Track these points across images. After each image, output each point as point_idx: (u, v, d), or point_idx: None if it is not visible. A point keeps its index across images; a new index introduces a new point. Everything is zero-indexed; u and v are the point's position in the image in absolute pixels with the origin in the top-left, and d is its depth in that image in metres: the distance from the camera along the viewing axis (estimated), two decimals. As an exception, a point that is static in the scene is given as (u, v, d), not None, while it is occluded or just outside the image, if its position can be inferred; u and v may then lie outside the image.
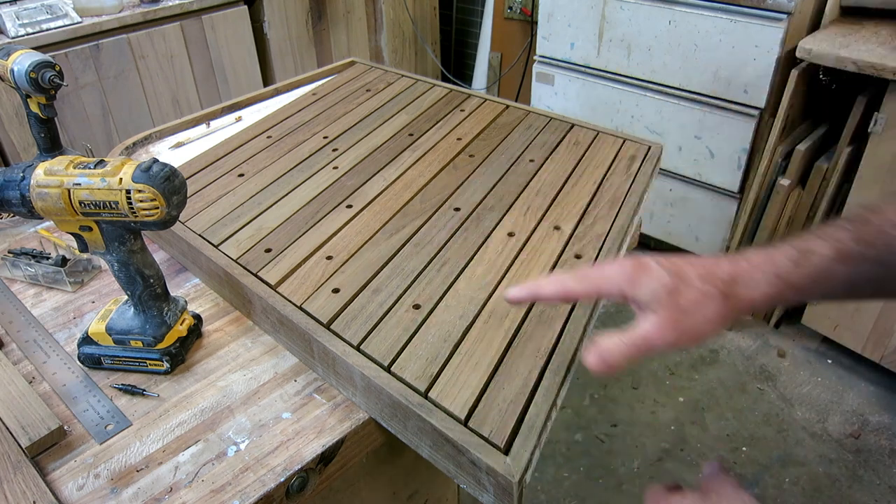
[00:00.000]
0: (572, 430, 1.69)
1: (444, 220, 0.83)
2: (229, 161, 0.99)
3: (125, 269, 0.66)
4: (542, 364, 0.61)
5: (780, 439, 1.65)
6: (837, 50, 1.52)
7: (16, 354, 0.72)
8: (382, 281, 0.73)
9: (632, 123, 2.05)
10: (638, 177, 0.92)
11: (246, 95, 1.23)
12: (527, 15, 2.56)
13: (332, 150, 1.01)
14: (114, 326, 0.69)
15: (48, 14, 1.75)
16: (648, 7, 1.84)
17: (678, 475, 1.57)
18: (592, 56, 2.05)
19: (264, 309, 0.71)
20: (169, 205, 0.60)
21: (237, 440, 0.61)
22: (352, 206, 0.86)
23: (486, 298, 0.70)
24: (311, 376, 0.69)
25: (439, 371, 0.60)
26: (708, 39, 1.75)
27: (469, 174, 0.93)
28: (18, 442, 0.60)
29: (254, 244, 0.79)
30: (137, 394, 0.67)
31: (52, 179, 0.60)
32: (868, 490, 1.53)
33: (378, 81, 1.26)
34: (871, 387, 1.79)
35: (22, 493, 0.56)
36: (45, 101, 0.95)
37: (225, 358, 0.71)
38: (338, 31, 2.53)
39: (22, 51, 0.93)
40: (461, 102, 1.16)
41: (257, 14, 2.23)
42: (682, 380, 1.84)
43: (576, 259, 0.76)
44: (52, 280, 0.83)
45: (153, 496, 0.56)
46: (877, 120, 1.52)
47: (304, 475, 0.60)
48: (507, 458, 0.52)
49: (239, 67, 2.22)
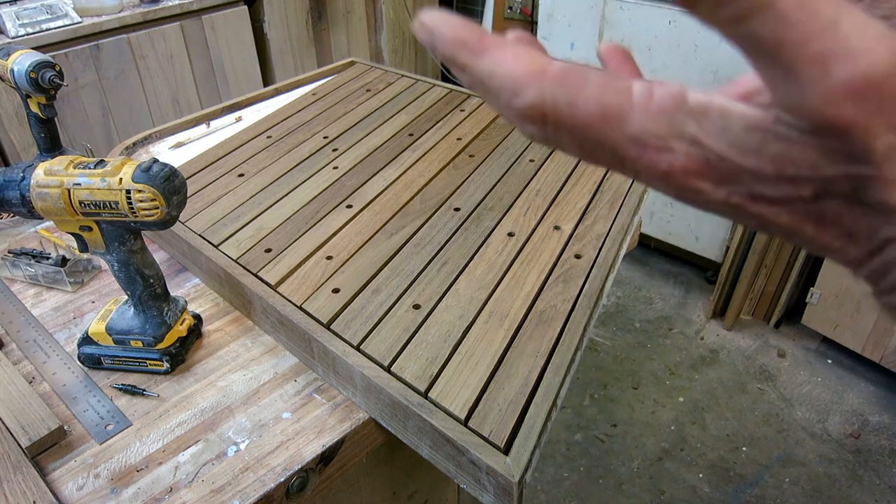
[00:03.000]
0: (572, 430, 1.69)
1: (444, 220, 0.83)
2: (229, 161, 0.99)
3: (125, 269, 0.66)
4: (542, 364, 0.61)
5: (780, 439, 1.65)
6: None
7: (16, 354, 0.72)
8: (382, 281, 0.73)
9: (632, 123, 2.05)
10: (638, 177, 0.92)
11: (246, 95, 1.23)
12: (527, 15, 2.56)
13: (332, 150, 1.01)
14: (114, 326, 0.69)
15: (48, 14, 1.75)
16: (648, 7, 1.84)
17: (678, 475, 1.57)
18: (592, 56, 2.05)
19: (264, 309, 0.71)
20: (169, 205, 0.60)
21: (237, 440, 0.61)
22: (352, 206, 0.86)
23: (486, 298, 0.70)
24: (311, 376, 0.69)
25: (439, 371, 0.60)
26: (708, 39, 1.75)
27: (469, 174, 0.93)
28: (18, 442, 0.60)
29: (254, 244, 0.79)
30: (137, 394, 0.67)
31: (52, 179, 0.60)
32: (868, 490, 1.53)
33: (378, 81, 1.26)
34: (871, 387, 1.79)
35: (22, 493, 0.55)
36: (45, 101, 0.95)
37: (225, 358, 0.71)
38: (338, 31, 2.53)
39: (22, 51, 0.93)
40: (461, 102, 1.16)
41: (257, 14, 2.23)
42: (682, 380, 1.84)
43: (576, 259, 0.76)
44: (52, 280, 0.83)
45: (153, 496, 0.56)
46: (877, 120, 1.52)
47: (304, 475, 0.59)
48: (507, 458, 0.52)
49: (239, 67, 2.22)
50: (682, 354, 1.92)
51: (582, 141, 0.19)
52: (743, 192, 0.18)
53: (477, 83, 0.20)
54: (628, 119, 0.18)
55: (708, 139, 0.18)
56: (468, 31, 0.20)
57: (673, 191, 0.19)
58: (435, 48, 0.21)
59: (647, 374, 1.85)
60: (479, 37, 0.20)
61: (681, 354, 1.92)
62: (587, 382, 1.83)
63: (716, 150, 0.18)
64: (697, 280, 2.20)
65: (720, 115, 0.18)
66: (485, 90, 0.20)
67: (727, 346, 1.94)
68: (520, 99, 0.19)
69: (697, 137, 0.18)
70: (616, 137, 0.18)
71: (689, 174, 0.18)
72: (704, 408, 1.75)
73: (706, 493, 1.53)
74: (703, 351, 1.93)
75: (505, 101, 0.20)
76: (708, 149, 0.18)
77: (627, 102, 0.18)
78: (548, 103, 0.19)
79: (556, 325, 0.66)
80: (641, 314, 2.07)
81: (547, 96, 0.19)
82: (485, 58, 0.20)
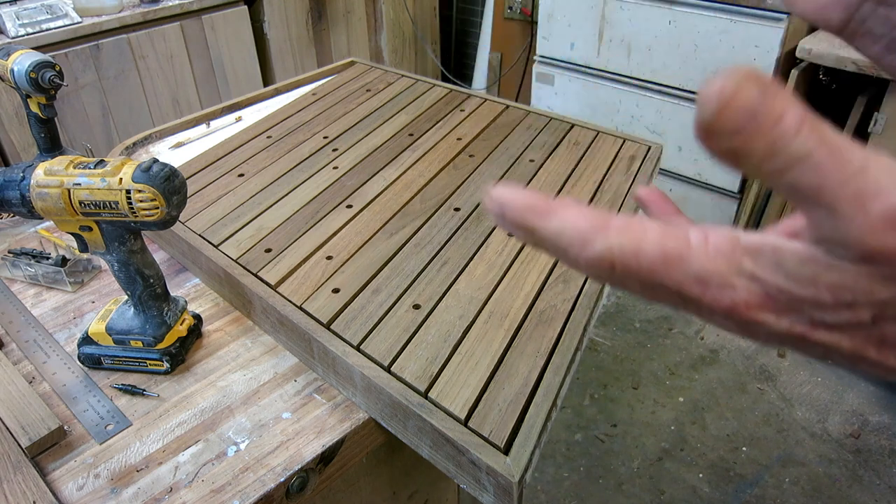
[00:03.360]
0: (572, 430, 1.69)
1: (444, 220, 0.83)
2: (229, 161, 0.99)
3: (125, 269, 0.66)
4: (542, 364, 0.61)
5: (780, 439, 1.65)
6: (837, 50, 1.52)
7: (16, 354, 0.72)
8: (382, 281, 0.73)
9: (632, 123, 2.05)
10: (638, 177, 0.92)
11: (246, 95, 1.23)
12: (527, 15, 2.56)
13: (332, 150, 1.01)
14: (114, 326, 0.69)
15: (48, 14, 1.75)
16: (648, 7, 1.84)
17: (678, 475, 1.57)
18: (592, 56, 2.05)
19: (264, 309, 0.71)
20: (169, 205, 0.60)
21: (237, 440, 0.61)
22: (352, 206, 0.86)
23: (486, 298, 0.70)
24: (311, 376, 0.69)
25: (439, 371, 0.60)
26: (708, 39, 1.75)
27: (469, 174, 0.93)
28: (18, 442, 0.60)
29: (254, 244, 0.79)
30: (137, 394, 0.67)
31: (52, 179, 0.60)
32: (868, 490, 1.53)
33: (378, 81, 1.26)
34: (871, 387, 1.79)
35: (22, 493, 0.56)
36: (45, 101, 0.95)
37: (225, 358, 0.71)
38: (338, 31, 2.53)
39: (22, 51, 0.93)
40: (461, 102, 1.16)
41: (257, 14, 2.23)
42: (682, 380, 1.84)
43: (576, 259, 0.76)
44: (52, 280, 0.83)
45: (153, 496, 0.56)
46: (877, 120, 1.52)
47: (304, 475, 0.59)
48: (507, 458, 0.52)
49: (239, 67, 2.22)
50: (682, 354, 1.92)
51: (647, 284, 0.21)
52: (804, 320, 0.19)
53: (546, 242, 0.23)
54: (688, 261, 0.20)
55: (765, 274, 0.19)
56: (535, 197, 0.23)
57: (737, 326, 0.21)
58: (504, 216, 0.23)
59: (647, 374, 1.85)
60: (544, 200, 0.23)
61: (681, 354, 1.92)
62: (587, 382, 1.83)
63: (774, 283, 0.19)
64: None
65: (773, 252, 0.19)
66: (554, 247, 0.22)
67: (727, 346, 1.94)
68: (588, 251, 0.21)
69: (755, 273, 0.19)
70: (679, 278, 0.20)
71: (752, 307, 0.20)
72: (704, 408, 1.75)
73: (706, 493, 1.53)
74: (703, 351, 1.93)
75: (574, 254, 0.22)
76: (766, 283, 0.19)
77: (686, 246, 0.20)
78: (615, 252, 0.21)
79: (556, 325, 0.66)
80: (641, 314, 2.07)
81: (613, 246, 0.21)
82: (552, 218, 0.22)
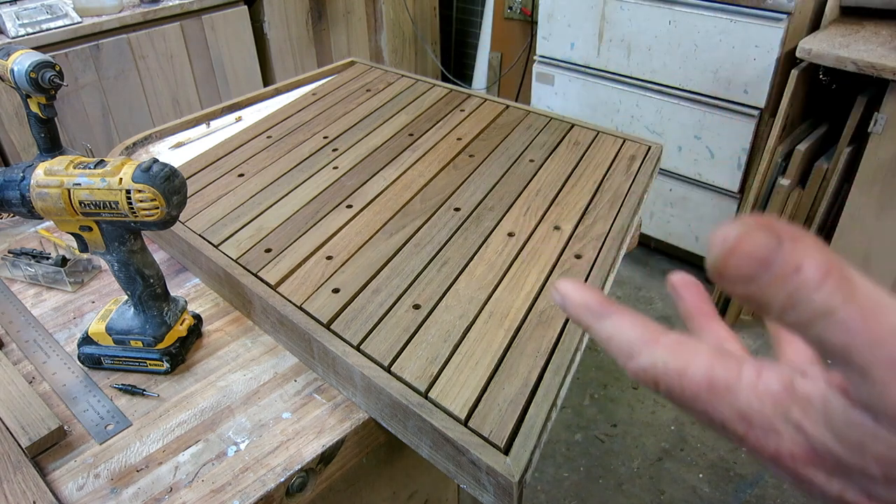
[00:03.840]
0: (572, 430, 1.69)
1: (444, 220, 0.83)
2: (229, 161, 0.99)
3: (125, 269, 0.66)
4: (542, 364, 0.61)
5: (780, 439, 1.65)
6: (837, 50, 1.52)
7: (16, 354, 0.72)
8: (382, 281, 0.73)
9: (632, 123, 2.05)
10: (638, 177, 0.92)
11: (246, 95, 1.23)
12: (527, 15, 2.56)
13: (332, 150, 1.01)
14: (114, 326, 0.69)
15: (48, 14, 1.75)
16: (648, 7, 1.84)
17: (678, 475, 1.57)
18: (592, 56, 2.05)
19: (264, 309, 0.71)
20: (169, 205, 0.60)
21: (237, 440, 0.61)
22: (352, 206, 0.86)
23: (486, 298, 0.69)
24: (311, 376, 0.69)
25: (439, 371, 0.60)
26: (708, 39, 1.75)
27: (469, 174, 0.93)
28: (18, 442, 0.60)
29: (254, 244, 0.79)
30: (137, 394, 0.67)
31: (52, 179, 0.60)
32: (868, 490, 1.53)
33: (378, 81, 1.26)
34: (871, 387, 1.79)
35: (22, 493, 0.56)
36: (45, 101, 0.95)
37: (225, 358, 0.71)
38: (338, 31, 2.53)
39: (22, 51, 0.93)
40: (461, 102, 1.16)
41: (257, 14, 2.23)
42: (682, 380, 1.84)
43: (576, 259, 0.76)
44: (52, 280, 0.83)
45: (153, 496, 0.56)
46: (877, 120, 1.52)
47: (304, 475, 0.60)
48: (507, 458, 0.52)
49: (239, 67, 2.22)
50: (682, 354, 1.92)
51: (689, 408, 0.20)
52: (857, 490, 0.17)
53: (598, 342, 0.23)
54: (735, 394, 0.18)
55: (812, 428, 0.17)
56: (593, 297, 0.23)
57: (788, 476, 0.19)
58: (566, 309, 0.23)
59: (647, 374, 1.85)
60: (601, 303, 0.23)
61: (681, 354, 1.92)
62: (587, 382, 1.83)
63: (820, 441, 0.17)
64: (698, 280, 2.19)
65: (824, 404, 0.17)
66: (605, 349, 0.22)
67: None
68: (634, 363, 0.21)
69: (801, 424, 0.18)
70: (723, 410, 0.19)
71: (797, 460, 0.18)
72: (704, 408, 1.75)
73: (706, 493, 1.53)
74: (703, 351, 1.93)
75: (621, 362, 0.21)
76: (812, 437, 0.18)
77: (735, 377, 0.19)
78: (659, 369, 0.20)
79: (556, 325, 0.66)
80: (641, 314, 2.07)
81: (658, 363, 0.20)
82: (605, 322, 0.22)
